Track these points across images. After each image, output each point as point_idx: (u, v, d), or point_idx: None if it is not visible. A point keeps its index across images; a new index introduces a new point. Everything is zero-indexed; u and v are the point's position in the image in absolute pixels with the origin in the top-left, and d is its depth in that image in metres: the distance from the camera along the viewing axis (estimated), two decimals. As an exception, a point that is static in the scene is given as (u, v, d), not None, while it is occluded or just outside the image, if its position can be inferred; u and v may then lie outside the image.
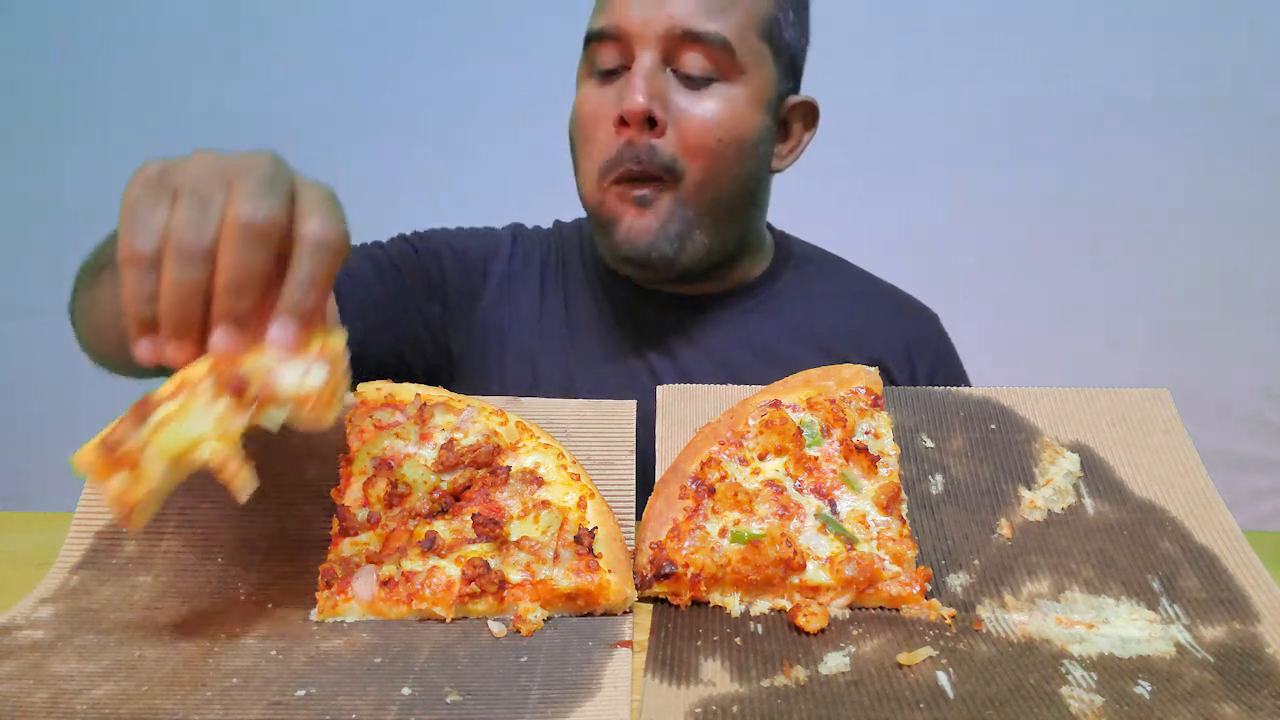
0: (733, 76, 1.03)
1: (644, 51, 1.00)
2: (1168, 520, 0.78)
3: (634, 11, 1.00)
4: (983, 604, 0.71)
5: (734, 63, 1.02)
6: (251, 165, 0.61)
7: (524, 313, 1.18)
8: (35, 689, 0.59)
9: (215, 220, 0.58)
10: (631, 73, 1.00)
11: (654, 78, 1.00)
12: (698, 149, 1.02)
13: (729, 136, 1.03)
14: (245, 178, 0.59)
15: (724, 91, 1.03)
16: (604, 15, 1.03)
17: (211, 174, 0.60)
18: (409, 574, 0.69)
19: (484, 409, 0.82)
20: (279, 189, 0.60)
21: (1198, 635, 0.67)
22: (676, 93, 1.02)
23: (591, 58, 1.05)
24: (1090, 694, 0.60)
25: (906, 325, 1.22)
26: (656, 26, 1.00)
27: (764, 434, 0.78)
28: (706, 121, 1.02)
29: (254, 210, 0.58)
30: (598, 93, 1.05)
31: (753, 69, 1.04)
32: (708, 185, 1.03)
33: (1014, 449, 0.84)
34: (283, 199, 0.60)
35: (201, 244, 0.58)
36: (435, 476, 0.75)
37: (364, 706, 0.57)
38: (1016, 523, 0.78)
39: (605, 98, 1.03)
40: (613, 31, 1.02)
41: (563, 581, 0.69)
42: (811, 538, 0.72)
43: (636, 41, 1.00)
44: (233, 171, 0.60)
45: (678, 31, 1.00)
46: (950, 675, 0.62)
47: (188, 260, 0.58)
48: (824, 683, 0.61)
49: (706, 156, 1.02)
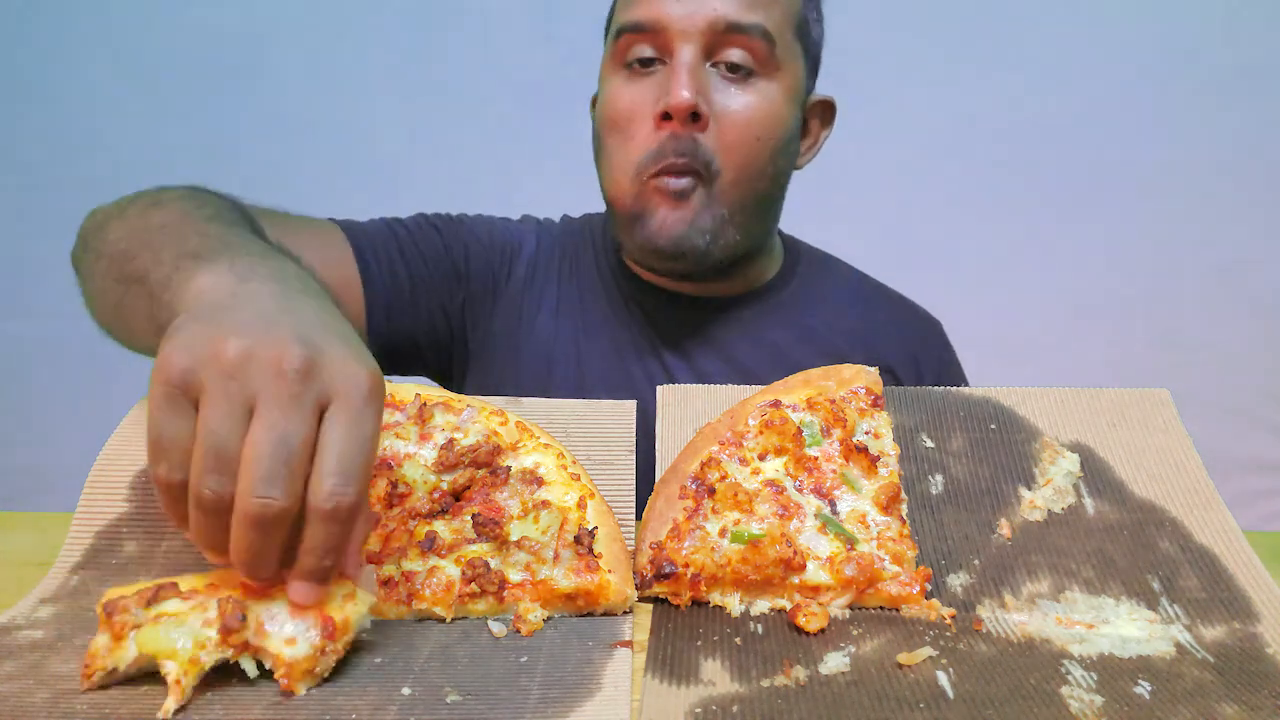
0: (771, 72, 1.02)
1: (685, 45, 0.99)
2: (1168, 520, 0.78)
3: (674, 5, 0.99)
4: (983, 604, 0.71)
5: (773, 57, 1.01)
6: (278, 375, 0.55)
7: (544, 309, 1.17)
8: (35, 689, 0.59)
9: (235, 462, 0.55)
10: (674, 66, 0.99)
11: (698, 71, 0.99)
12: (737, 145, 1.01)
13: (766, 134, 1.03)
14: (268, 402, 0.55)
15: (762, 87, 1.02)
16: (639, 7, 1.01)
17: (231, 397, 0.55)
18: (409, 574, 0.69)
19: (484, 409, 0.82)
20: (306, 406, 0.55)
21: (1198, 635, 0.67)
22: (717, 89, 1.01)
23: (622, 50, 1.04)
24: (1090, 694, 0.60)
25: (912, 332, 1.23)
26: (699, 19, 0.98)
27: (764, 434, 0.78)
28: (748, 117, 1.01)
29: (268, 486, 0.54)
30: (632, 86, 1.03)
31: (788, 65, 1.04)
32: (742, 182, 1.03)
33: (1014, 449, 0.84)
34: (309, 420, 0.56)
35: (222, 496, 0.55)
36: (435, 476, 0.75)
37: (363, 706, 0.57)
38: (1016, 523, 0.78)
39: (641, 91, 1.02)
40: (651, 24, 1.00)
41: (563, 581, 0.69)
42: (811, 538, 0.72)
43: (677, 35, 0.99)
44: (256, 385, 0.55)
45: (721, 24, 0.98)
46: (950, 675, 0.62)
47: (211, 510, 0.55)
48: (824, 683, 0.61)
49: (744, 153, 1.02)
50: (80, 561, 0.74)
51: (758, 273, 1.19)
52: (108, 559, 0.74)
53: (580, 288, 1.19)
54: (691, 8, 0.99)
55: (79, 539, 0.76)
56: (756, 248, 1.14)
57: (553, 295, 1.18)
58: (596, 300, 1.18)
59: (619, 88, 1.04)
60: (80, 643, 0.64)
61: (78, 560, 0.74)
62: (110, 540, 0.76)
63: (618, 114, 1.04)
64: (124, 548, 0.75)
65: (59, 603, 0.70)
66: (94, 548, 0.75)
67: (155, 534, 0.76)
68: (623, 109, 1.03)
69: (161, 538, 0.76)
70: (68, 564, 0.74)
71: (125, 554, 0.75)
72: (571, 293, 1.18)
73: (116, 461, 0.81)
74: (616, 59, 1.05)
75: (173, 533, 0.76)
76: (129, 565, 0.74)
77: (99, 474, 0.80)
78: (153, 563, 0.74)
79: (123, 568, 0.74)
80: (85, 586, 0.72)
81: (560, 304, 1.18)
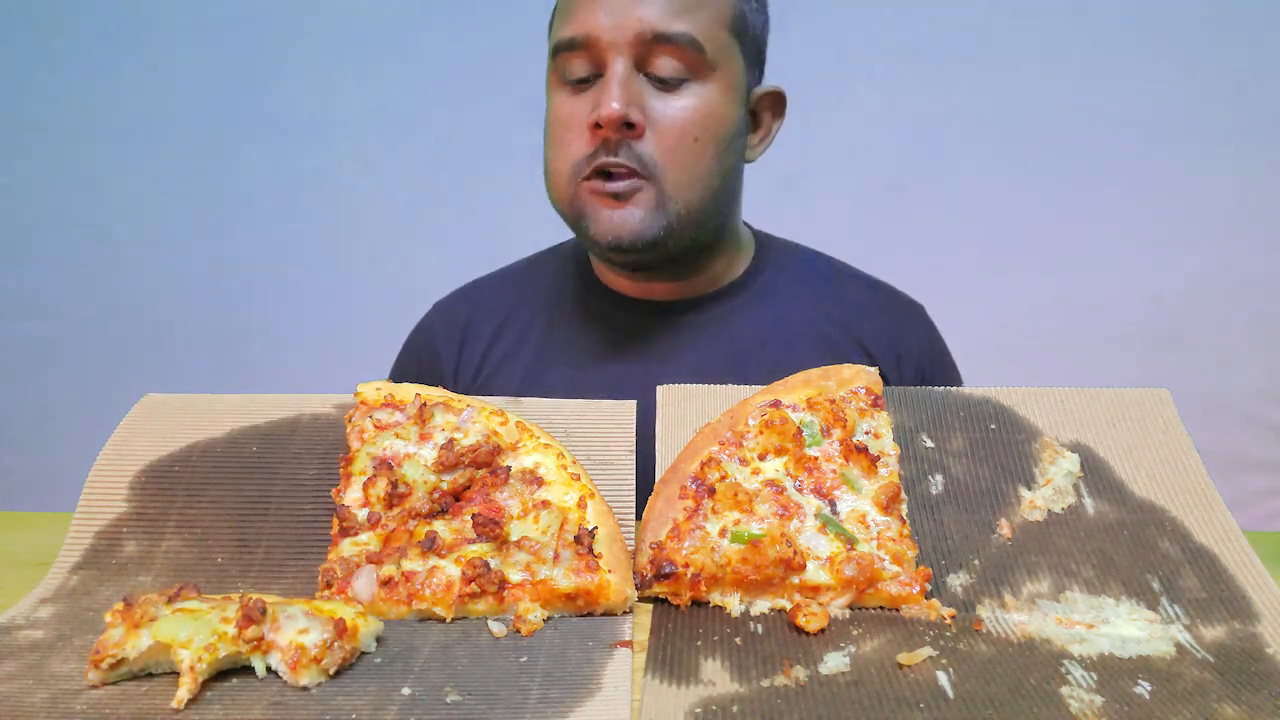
0: (704, 74, 1.04)
1: (616, 58, 1.01)
2: (1168, 520, 0.78)
3: (602, 19, 1.01)
4: (983, 604, 0.71)
5: (705, 61, 1.03)
6: None
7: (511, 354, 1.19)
8: (35, 689, 0.59)
9: None
10: (606, 80, 1.01)
11: (629, 83, 1.01)
12: (675, 148, 1.03)
13: (706, 135, 1.04)
14: None
15: (697, 90, 1.04)
16: (571, 24, 1.03)
17: None
18: (409, 574, 0.69)
19: (484, 409, 0.82)
20: None
21: (1198, 635, 0.67)
22: (651, 96, 1.02)
23: (561, 67, 1.06)
24: (1090, 694, 0.60)
25: (892, 317, 1.22)
26: (626, 32, 1.00)
27: (764, 434, 0.78)
28: (684, 122, 1.02)
29: None
30: (571, 101, 1.05)
31: (723, 64, 1.05)
32: (688, 184, 1.04)
33: (1014, 449, 0.84)
34: None
35: None
36: (435, 476, 0.75)
37: (364, 706, 0.57)
38: (1016, 523, 0.78)
39: (578, 105, 1.04)
40: (582, 40, 1.02)
41: (563, 581, 0.69)
42: (811, 538, 0.72)
43: (608, 48, 1.01)
44: None
45: (648, 35, 1.00)
46: (950, 675, 0.62)
47: None
48: (824, 683, 0.61)
49: (685, 155, 1.03)
50: (80, 561, 0.74)
51: (726, 268, 1.19)
52: (107, 559, 0.74)
53: (550, 316, 1.20)
54: (618, 20, 1.00)
55: (79, 539, 0.76)
56: (717, 240, 1.15)
57: (514, 339, 1.19)
58: (565, 323, 1.19)
59: (560, 102, 1.07)
60: (80, 643, 0.64)
61: (78, 560, 0.74)
62: (110, 540, 0.76)
63: (557, 126, 1.07)
64: (124, 548, 0.75)
65: (59, 603, 0.70)
66: (94, 548, 0.75)
67: (155, 534, 0.76)
68: (560, 121, 1.06)
69: (161, 538, 0.76)
70: (68, 564, 0.74)
71: (125, 554, 0.75)
72: (535, 326, 1.19)
73: (116, 461, 0.81)
74: (557, 75, 1.07)
75: (173, 532, 0.76)
76: (129, 565, 0.74)
77: (99, 474, 0.80)
78: (152, 563, 0.74)
79: (122, 568, 0.74)
80: (85, 586, 0.72)
81: (525, 338, 1.19)
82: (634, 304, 1.17)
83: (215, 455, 0.82)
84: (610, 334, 1.16)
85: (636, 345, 1.15)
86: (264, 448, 0.83)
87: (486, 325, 1.21)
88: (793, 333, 1.16)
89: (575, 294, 1.20)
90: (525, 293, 1.23)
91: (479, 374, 1.18)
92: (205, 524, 0.77)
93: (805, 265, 1.26)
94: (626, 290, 1.17)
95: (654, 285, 1.16)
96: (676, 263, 1.12)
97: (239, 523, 0.77)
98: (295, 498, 0.79)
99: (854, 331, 1.17)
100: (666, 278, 1.15)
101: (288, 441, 0.83)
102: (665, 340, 1.15)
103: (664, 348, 1.15)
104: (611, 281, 1.18)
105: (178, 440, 0.83)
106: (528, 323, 1.20)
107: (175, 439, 0.83)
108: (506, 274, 1.29)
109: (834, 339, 1.16)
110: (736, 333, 1.16)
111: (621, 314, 1.17)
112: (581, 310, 1.19)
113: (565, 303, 1.20)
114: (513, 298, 1.23)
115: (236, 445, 0.83)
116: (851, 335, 1.17)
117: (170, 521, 0.77)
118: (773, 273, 1.22)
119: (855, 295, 1.23)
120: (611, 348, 1.16)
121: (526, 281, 1.25)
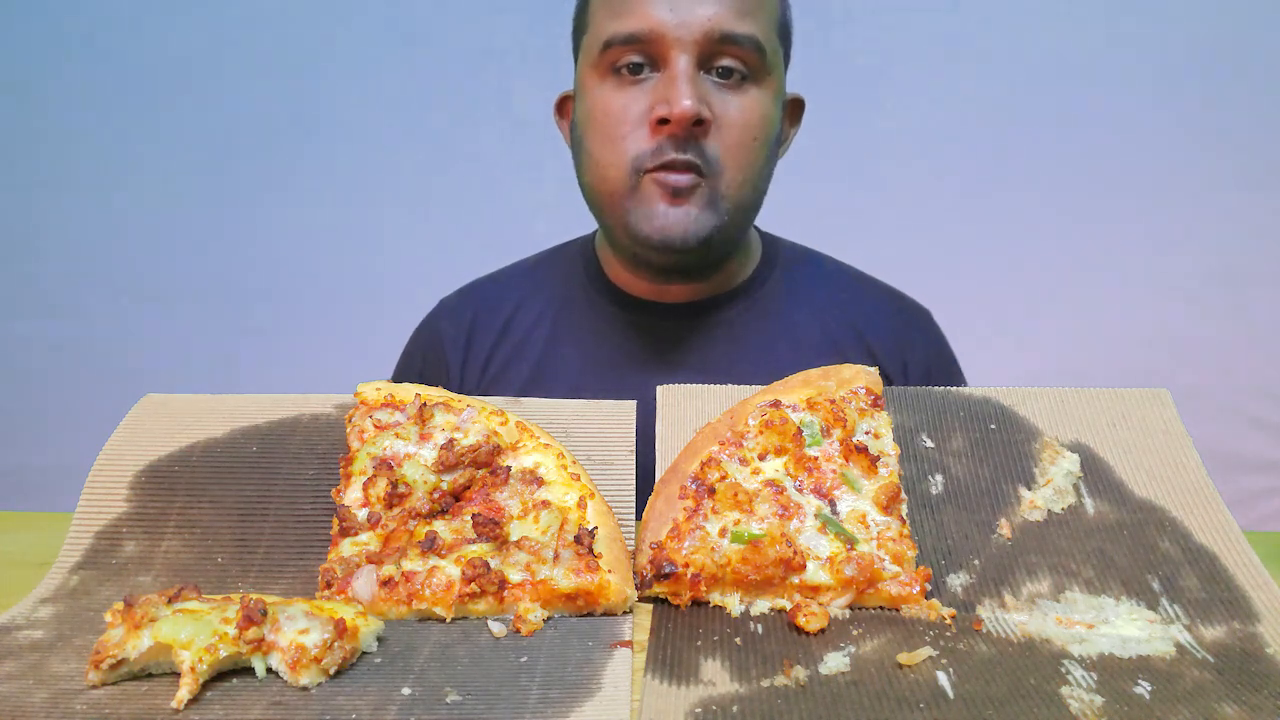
0: (761, 76, 1.04)
1: (680, 54, 1.00)
2: (1168, 520, 0.78)
3: (668, 15, 1.00)
4: (983, 604, 0.71)
5: (764, 63, 1.04)
6: None
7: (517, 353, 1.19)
8: (35, 689, 0.59)
9: None
10: (672, 75, 1.00)
11: (696, 80, 1.01)
12: (737, 149, 1.03)
13: (762, 136, 1.05)
14: None
15: (754, 93, 1.04)
16: (630, 19, 1.02)
17: None
18: (409, 574, 0.69)
19: (484, 409, 0.82)
20: None
21: (1198, 635, 0.67)
22: (714, 94, 1.02)
23: (610, 60, 1.05)
24: (1090, 694, 0.60)
25: (898, 321, 1.22)
26: (694, 29, 1.00)
27: (764, 434, 0.78)
28: (745, 121, 1.03)
29: None
30: (622, 93, 1.04)
31: (774, 69, 1.07)
32: (741, 184, 1.05)
33: (1014, 449, 0.84)
34: None
35: None
36: (435, 476, 0.75)
37: (364, 706, 0.57)
38: (1016, 523, 0.78)
39: (633, 97, 1.03)
40: (645, 35, 1.01)
41: (563, 581, 0.69)
42: (811, 538, 0.72)
43: (673, 45, 1.00)
44: None
45: (715, 34, 1.00)
46: (950, 675, 0.62)
47: None
48: (824, 683, 0.61)
49: (745, 155, 1.04)
50: (80, 561, 0.74)
51: (735, 270, 1.19)
52: (107, 559, 0.74)
53: (555, 316, 1.20)
54: (686, 17, 1.00)
55: (79, 539, 0.76)
56: (739, 243, 1.16)
57: (519, 339, 1.19)
58: (571, 324, 1.18)
59: (608, 94, 1.05)
60: (80, 643, 0.64)
61: (77, 560, 0.74)
62: (110, 540, 0.76)
63: (608, 119, 1.05)
64: (124, 548, 0.75)
65: (59, 603, 0.70)
66: (94, 548, 0.75)
67: (155, 534, 0.76)
68: (613, 114, 1.04)
69: (161, 538, 0.76)
70: (68, 564, 0.74)
71: (125, 554, 0.75)
72: (542, 327, 1.19)
73: (116, 461, 0.81)
74: (602, 67, 1.06)
75: (173, 532, 0.76)
76: (128, 565, 0.74)
77: (99, 474, 0.80)
78: (152, 563, 0.74)
79: (122, 568, 0.74)
80: (85, 586, 0.72)
81: (531, 337, 1.19)
82: (642, 305, 1.17)
83: (215, 455, 0.82)
84: (617, 335, 1.16)
85: (644, 346, 1.15)
86: (264, 448, 0.83)
87: (493, 324, 1.21)
88: (799, 336, 1.16)
89: (582, 294, 1.20)
90: (532, 292, 1.23)
91: (485, 372, 1.18)
92: (205, 524, 0.77)
93: (812, 268, 1.26)
94: (636, 291, 1.16)
95: (670, 288, 1.15)
96: (709, 265, 1.12)
97: (239, 523, 0.77)
98: (295, 498, 0.79)
99: (861, 336, 1.17)
100: (688, 280, 1.14)
101: (288, 441, 0.83)
102: (672, 342, 1.15)
103: (671, 349, 1.15)
104: (622, 282, 1.17)
105: (178, 440, 0.83)
106: (534, 322, 1.19)
107: (175, 439, 0.83)
108: (512, 272, 1.28)
109: (841, 343, 1.16)
110: (743, 335, 1.15)
111: (629, 315, 1.16)
112: (589, 310, 1.18)
113: (572, 302, 1.20)
114: (519, 296, 1.23)
115: (236, 445, 0.83)
116: (858, 339, 1.16)
117: (170, 521, 0.77)
118: (780, 276, 1.21)
119: (862, 299, 1.23)
120: (618, 349, 1.16)
121: (533, 280, 1.25)
